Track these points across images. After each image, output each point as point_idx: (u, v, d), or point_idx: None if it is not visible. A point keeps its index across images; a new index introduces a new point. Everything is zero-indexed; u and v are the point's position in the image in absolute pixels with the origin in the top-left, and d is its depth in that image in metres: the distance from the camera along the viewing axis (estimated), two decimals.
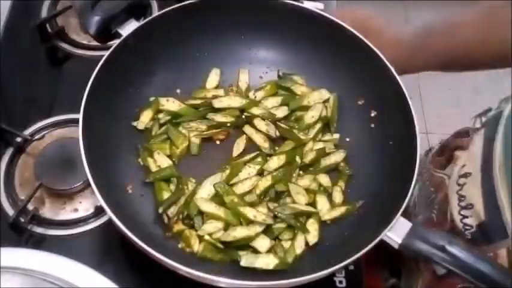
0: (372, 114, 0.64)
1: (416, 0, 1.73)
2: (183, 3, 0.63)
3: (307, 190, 0.59)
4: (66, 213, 0.63)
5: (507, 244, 0.49)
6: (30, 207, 0.62)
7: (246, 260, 0.53)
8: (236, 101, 0.63)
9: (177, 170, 0.59)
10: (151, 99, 0.63)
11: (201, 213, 0.56)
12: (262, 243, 0.54)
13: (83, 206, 0.64)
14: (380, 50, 0.61)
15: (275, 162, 0.59)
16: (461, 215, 0.54)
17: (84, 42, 0.78)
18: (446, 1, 0.67)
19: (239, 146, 0.62)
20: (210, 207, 0.55)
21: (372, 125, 0.63)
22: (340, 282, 0.60)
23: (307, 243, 0.56)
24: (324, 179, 0.60)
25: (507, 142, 0.50)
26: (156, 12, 0.77)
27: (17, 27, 0.78)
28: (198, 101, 0.64)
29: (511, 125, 0.50)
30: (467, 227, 0.53)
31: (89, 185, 0.63)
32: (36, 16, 0.79)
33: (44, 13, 0.80)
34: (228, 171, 0.58)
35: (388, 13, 0.69)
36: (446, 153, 0.66)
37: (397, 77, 0.59)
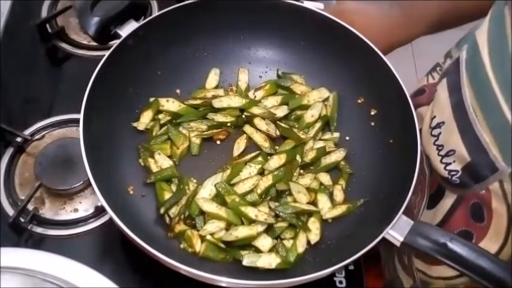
0: (372, 113, 0.64)
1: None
2: (183, 3, 0.63)
3: (308, 189, 0.59)
4: (66, 213, 0.63)
5: (499, 177, 0.50)
6: (30, 207, 0.62)
7: (248, 259, 0.52)
8: (236, 101, 0.63)
9: (178, 170, 0.59)
10: (151, 99, 0.63)
11: (202, 213, 0.56)
12: (264, 242, 0.54)
13: (83, 206, 0.64)
14: (367, 25, 0.62)
15: (276, 161, 0.59)
16: (444, 163, 0.55)
17: (84, 42, 0.78)
18: None
19: (239, 145, 0.62)
20: (211, 207, 0.55)
21: (372, 124, 0.63)
22: (340, 282, 0.60)
23: (309, 242, 0.56)
24: (325, 178, 0.60)
25: (474, 82, 0.51)
26: (155, 12, 0.77)
27: (17, 27, 0.78)
28: (198, 101, 0.64)
29: (472, 66, 0.52)
30: (452, 173, 0.54)
31: (89, 185, 0.63)
32: (36, 16, 0.79)
33: (44, 13, 0.80)
34: (228, 171, 0.58)
35: None
36: None
37: (397, 76, 0.59)
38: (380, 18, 0.67)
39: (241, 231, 0.54)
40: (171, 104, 0.63)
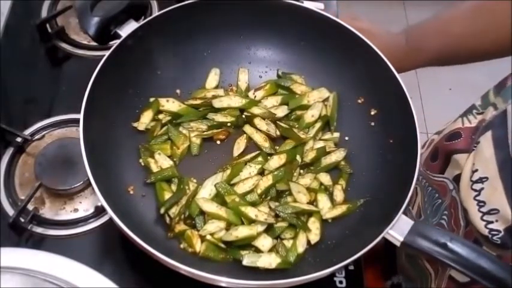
0: (372, 113, 0.64)
1: (416, 0, 1.73)
2: (183, 3, 0.63)
3: (308, 189, 0.59)
4: (66, 213, 0.63)
5: None
6: (30, 207, 0.62)
7: (248, 259, 0.52)
8: (236, 101, 0.63)
9: (178, 170, 0.59)
10: (151, 99, 0.63)
11: (202, 213, 0.56)
12: (264, 242, 0.54)
13: (83, 206, 0.64)
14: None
15: (276, 161, 0.60)
16: (485, 220, 0.52)
17: (84, 42, 0.78)
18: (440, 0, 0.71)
19: (239, 145, 0.62)
20: (211, 207, 0.55)
21: (372, 124, 0.63)
22: (340, 282, 0.60)
23: (309, 242, 0.56)
24: (325, 178, 0.60)
25: None
26: (155, 12, 0.77)
27: (17, 27, 0.78)
28: (198, 101, 0.64)
29: None
30: (494, 232, 0.52)
31: (89, 185, 0.63)
32: (36, 16, 0.79)
33: (44, 13, 0.80)
34: (228, 171, 0.58)
35: (388, 14, 0.72)
36: (441, 157, 0.66)
37: (397, 76, 0.59)
38: (385, 42, 0.66)
39: (241, 231, 0.54)
40: (171, 104, 0.63)
